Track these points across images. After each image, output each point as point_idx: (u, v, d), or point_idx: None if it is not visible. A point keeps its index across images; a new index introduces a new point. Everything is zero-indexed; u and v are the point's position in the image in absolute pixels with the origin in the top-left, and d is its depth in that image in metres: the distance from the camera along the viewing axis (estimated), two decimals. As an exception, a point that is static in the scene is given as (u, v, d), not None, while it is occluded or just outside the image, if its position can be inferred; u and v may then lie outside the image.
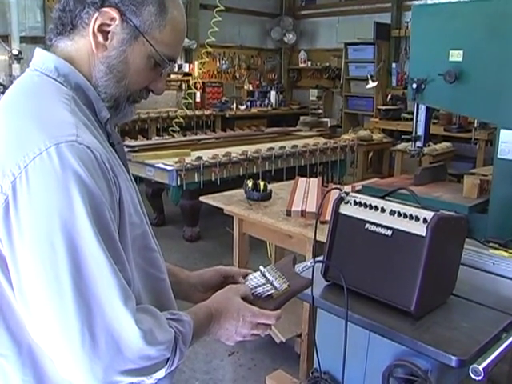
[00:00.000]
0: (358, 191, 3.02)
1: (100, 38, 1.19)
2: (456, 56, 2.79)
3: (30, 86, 1.19)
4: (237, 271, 1.56)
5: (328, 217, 1.92)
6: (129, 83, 1.23)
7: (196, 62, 10.12)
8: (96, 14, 1.17)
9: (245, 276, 1.52)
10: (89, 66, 1.21)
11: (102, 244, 1.03)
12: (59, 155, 1.02)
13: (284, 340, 3.51)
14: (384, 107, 8.87)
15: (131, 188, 1.24)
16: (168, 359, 1.11)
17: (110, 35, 1.19)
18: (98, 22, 1.17)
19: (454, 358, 1.41)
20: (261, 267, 1.51)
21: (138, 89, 1.27)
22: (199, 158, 5.62)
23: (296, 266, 1.56)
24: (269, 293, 1.42)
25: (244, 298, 1.36)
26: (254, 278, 1.47)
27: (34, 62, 1.22)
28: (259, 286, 1.43)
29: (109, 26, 1.18)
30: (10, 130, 1.09)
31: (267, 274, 1.47)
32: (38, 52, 1.23)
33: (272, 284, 1.43)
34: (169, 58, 1.25)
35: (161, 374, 1.12)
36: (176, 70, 9.87)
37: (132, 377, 1.05)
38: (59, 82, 1.18)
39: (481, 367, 1.38)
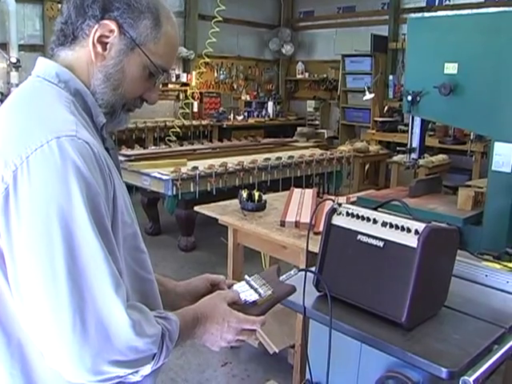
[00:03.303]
0: (353, 202, 3.03)
1: (99, 49, 1.27)
2: (451, 69, 2.80)
3: (31, 90, 1.27)
4: (223, 279, 1.61)
5: (321, 228, 1.92)
6: (124, 91, 1.31)
7: (194, 72, 10.17)
8: (96, 26, 1.26)
9: (230, 287, 1.55)
10: (88, 73, 1.29)
11: (97, 232, 1.07)
12: (60, 147, 1.08)
13: (277, 351, 3.50)
14: (381, 119, 8.92)
15: (123, 189, 1.29)
16: (154, 355, 1.14)
17: (108, 46, 1.28)
18: (97, 34, 1.26)
19: (444, 369, 1.40)
20: (246, 276, 1.53)
21: (132, 97, 1.35)
22: (195, 167, 5.63)
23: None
24: (253, 299, 1.44)
25: (232, 304, 1.39)
26: (240, 286, 1.50)
27: (36, 70, 1.30)
28: (244, 292, 1.45)
29: (107, 37, 1.27)
30: (12, 125, 1.16)
31: (252, 282, 1.49)
32: (41, 60, 1.31)
33: (257, 291, 1.46)
34: (162, 68, 1.34)
35: (147, 370, 1.15)
36: (174, 79, 9.91)
37: (119, 368, 1.08)
38: (59, 88, 1.24)
39: (471, 379, 1.38)
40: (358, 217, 1.73)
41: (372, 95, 8.90)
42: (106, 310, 1.05)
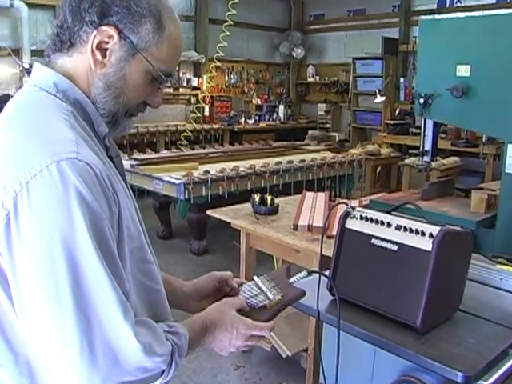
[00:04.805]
0: (366, 206, 3.02)
1: (98, 56, 1.21)
2: (463, 71, 2.79)
3: (29, 102, 1.21)
4: (230, 275, 1.59)
5: (334, 231, 1.92)
6: (127, 99, 1.26)
7: (205, 76, 10.19)
8: (94, 32, 1.19)
9: (239, 285, 1.54)
10: (87, 82, 1.23)
11: (102, 258, 1.05)
12: (60, 172, 1.04)
13: (290, 354, 3.49)
14: (392, 122, 8.88)
15: (129, 201, 1.26)
16: (163, 371, 1.13)
17: (108, 53, 1.21)
18: (96, 40, 1.20)
19: (459, 373, 1.40)
20: (255, 277, 1.53)
21: (135, 104, 1.30)
22: (207, 171, 5.64)
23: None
24: (262, 303, 1.44)
25: (239, 311, 1.38)
26: (249, 288, 1.50)
27: (33, 78, 1.24)
28: (253, 296, 1.46)
29: (107, 43, 1.20)
30: (10, 146, 1.10)
31: (261, 284, 1.49)
32: (37, 67, 1.25)
33: (265, 294, 1.46)
34: (166, 73, 1.28)
35: None
36: (185, 83, 9.94)
37: None
38: (58, 98, 1.19)
39: (487, 384, 1.38)
40: (371, 220, 1.73)
41: (383, 98, 8.89)
42: (114, 334, 1.04)
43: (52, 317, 1.02)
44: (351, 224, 1.78)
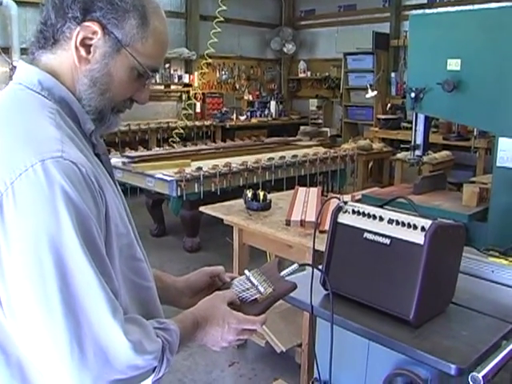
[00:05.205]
0: (358, 200, 3.03)
1: (82, 52, 1.20)
2: (454, 65, 2.80)
3: (13, 100, 1.20)
4: (221, 269, 1.59)
5: (327, 226, 1.92)
6: (113, 95, 1.24)
7: (196, 73, 10.18)
8: (78, 29, 1.18)
9: (231, 279, 1.54)
10: (72, 79, 1.22)
11: (89, 257, 1.04)
12: (45, 171, 1.03)
13: (284, 350, 3.50)
14: (384, 116, 8.89)
15: (117, 199, 1.26)
16: (155, 368, 1.13)
17: (92, 49, 1.20)
18: (79, 36, 1.18)
19: (453, 366, 1.40)
20: (246, 271, 1.53)
21: (121, 100, 1.28)
22: (199, 168, 5.63)
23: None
24: (254, 297, 1.44)
25: (230, 304, 1.38)
26: (240, 282, 1.49)
27: (18, 76, 1.23)
28: (244, 290, 1.46)
29: (91, 39, 1.19)
30: None
31: (252, 278, 1.49)
32: (21, 65, 1.24)
33: (257, 288, 1.46)
34: (152, 68, 1.27)
35: (148, 382, 1.14)
36: (176, 80, 9.93)
37: None
38: (43, 96, 1.18)
39: (480, 375, 1.38)
40: (364, 214, 1.73)
41: (374, 93, 8.89)
42: (104, 333, 1.03)
43: (41, 317, 1.01)
44: (343, 218, 1.79)
